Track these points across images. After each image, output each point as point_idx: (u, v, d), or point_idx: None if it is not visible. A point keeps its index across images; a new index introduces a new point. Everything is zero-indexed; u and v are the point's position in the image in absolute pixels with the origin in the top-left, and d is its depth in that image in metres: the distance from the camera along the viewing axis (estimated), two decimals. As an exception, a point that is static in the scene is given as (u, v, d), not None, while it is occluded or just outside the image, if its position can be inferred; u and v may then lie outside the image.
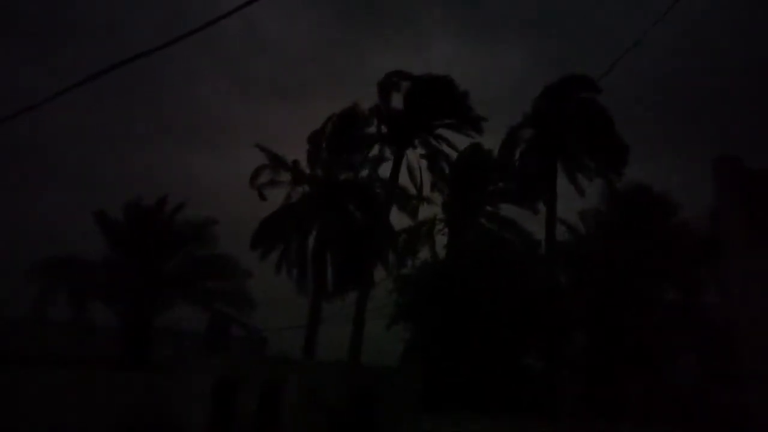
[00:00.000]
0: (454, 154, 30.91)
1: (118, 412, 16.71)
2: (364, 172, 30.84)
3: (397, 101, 30.40)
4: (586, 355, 23.68)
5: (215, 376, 17.13)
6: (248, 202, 29.07)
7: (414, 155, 30.74)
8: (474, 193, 30.66)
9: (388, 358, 24.41)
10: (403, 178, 30.45)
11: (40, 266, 20.97)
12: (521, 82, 50.20)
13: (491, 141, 30.79)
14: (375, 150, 30.56)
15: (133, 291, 21.80)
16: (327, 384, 17.00)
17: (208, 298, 23.05)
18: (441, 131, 30.79)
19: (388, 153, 30.55)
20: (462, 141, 30.69)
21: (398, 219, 30.92)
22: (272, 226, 29.02)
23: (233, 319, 23.88)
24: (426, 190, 30.91)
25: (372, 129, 30.40)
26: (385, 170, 30.40)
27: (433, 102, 29.84)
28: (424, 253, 30.14)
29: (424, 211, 31.41)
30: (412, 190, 30.89)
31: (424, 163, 30.87)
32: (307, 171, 29.88)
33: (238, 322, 23.90)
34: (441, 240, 30.84)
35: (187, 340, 25.56)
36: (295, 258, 29.35)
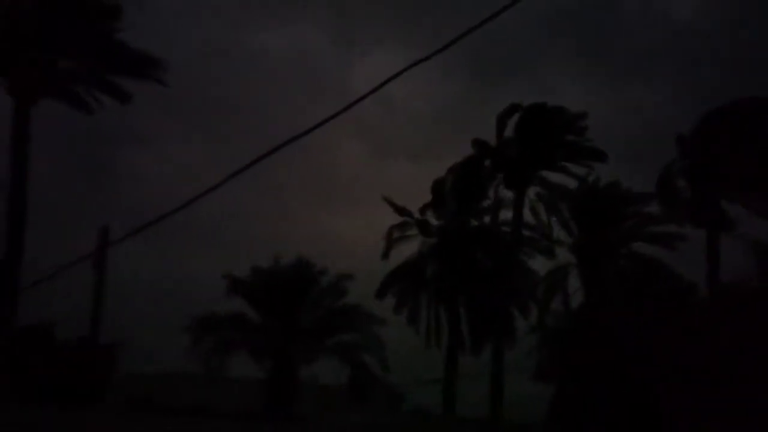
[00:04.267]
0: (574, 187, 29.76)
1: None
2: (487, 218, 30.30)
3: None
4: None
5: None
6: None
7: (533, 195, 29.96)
8: (608, 232, 29.13)
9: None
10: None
11: (193, 323, 22.29)
12: (658, 122, 48.20)
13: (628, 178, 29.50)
14: (492, 194, 29.99)
15: (277, 344, 22.59)
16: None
17: (346, 349, 23.32)
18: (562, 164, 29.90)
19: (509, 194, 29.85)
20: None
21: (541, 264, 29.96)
22: (400, 278, 28.80)
23: (371, 372, 23.85)
24: (555, 231, 29.80)
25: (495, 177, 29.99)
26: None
27: (546, 135, 29.11)
28: (556, 300, 28.93)
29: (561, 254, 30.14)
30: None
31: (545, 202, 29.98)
32: (434, 222, 29.69)
33: (376, 376, 23.86)
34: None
35: (328, 394, 25.91)
36: (424, 311, 28.85)
